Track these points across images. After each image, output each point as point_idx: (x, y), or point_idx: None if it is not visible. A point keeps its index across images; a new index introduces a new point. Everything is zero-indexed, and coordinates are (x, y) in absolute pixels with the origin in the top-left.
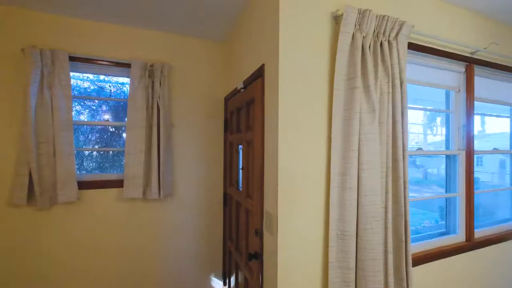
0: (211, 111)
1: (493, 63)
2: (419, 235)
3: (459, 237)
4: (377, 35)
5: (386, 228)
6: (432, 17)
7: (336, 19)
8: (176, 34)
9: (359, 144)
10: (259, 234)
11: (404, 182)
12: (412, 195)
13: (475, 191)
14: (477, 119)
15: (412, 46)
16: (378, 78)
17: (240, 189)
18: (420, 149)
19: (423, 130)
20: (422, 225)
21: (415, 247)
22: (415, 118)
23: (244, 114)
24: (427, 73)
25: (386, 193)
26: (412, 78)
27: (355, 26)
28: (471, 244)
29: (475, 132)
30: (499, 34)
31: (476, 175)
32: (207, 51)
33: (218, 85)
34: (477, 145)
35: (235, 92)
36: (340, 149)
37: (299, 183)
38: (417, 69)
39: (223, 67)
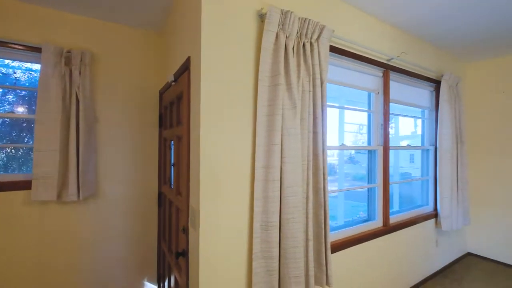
0: (145, 105)
1: (404, 69)
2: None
3: (377, 223)
4: (300, 36)
5: (307, 217)
6: (352, 25)
7: (262, 18)
8: (102, 20)
9: (281, 138)
10: (186, 231)
11: (324, 174)
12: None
13: (390, 182)
14: (410, 121)
15: (334, 50)
16: (301, 77)
17: (172, 187)
18: (343, 144)
19: (364, 129)
20: (358, 215)
21: (341, 234)
22: (355, 118)
23: (176, 109)
24: (352, 76)
25: (307, 184)
26: (339, 79)
27: (279, 25)
28: (387, 228)
29: (408, 132)
30: (408, 45)
31: (409, 170)
32: (140, 41)
33: (153, 78)
34: (412, 143)
35: (168, 85)
36: (264, 143)
37: (224, 177)
38: (343, 72)
39: (158, 59)
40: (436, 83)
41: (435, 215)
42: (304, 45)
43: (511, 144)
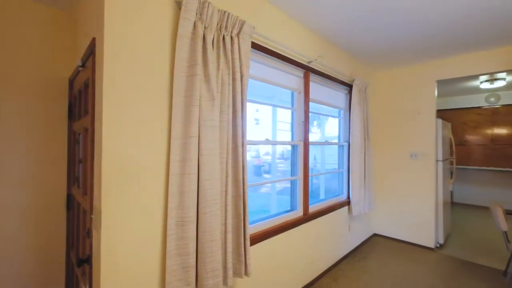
0: (52, 94)
1: (322, 72)
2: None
3: (298, 212)
4: (220, 29)
5: (226, 209)
6: (277, 26)
7: (179, 5)
8: None
9: (199, 130)
10: (89, 234)
11: (243, 166)
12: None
13: (309, 174)
14: (335, 121)
15: (258, 47)
16: (220, 69)
17: (80, 187)
18: (267, 139)
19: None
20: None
21: (265, 224)
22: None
23: (84, 97)
24: (277, 75)
25: (226, 176)
26: (263, 77)
27: (196, 14)
28: (307, 217)
29: (333, 130)
30: (327, 50)
31: (337, 165)
32: (47, 20)
33: (62, 63)
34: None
35: (77, 71)
36: (181, 135)
37: (132, 173)
38: (267, 70)
39: (69, 42)
40: (349, 87)
41: (348, 202)
42: (224, 38)
43: (402, 141)
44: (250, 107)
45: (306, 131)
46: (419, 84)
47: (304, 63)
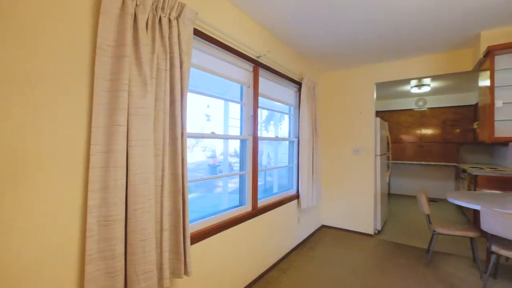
0: None
1: (272, 68)
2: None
3: (247, 207)
4: (156, 10)
5: (162, 206)
6: (224, 16)
7: None
8: None
9: (128, 119)
10: None
11: (182, 159)
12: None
13: (259, 169)
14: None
15: (204, 36)
16: (155, 53)
17: None
18: (213, 132)
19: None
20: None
21: (210, 220)
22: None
23: None
24: (225, 67)
25: (163, 170)
26: (210, 68)
27: None
28: (255, 211)
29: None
30: (277, 47)
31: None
32: None
33: None
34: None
35: None
36: (104, 123)
37: (36, 166)
38: (215, 61)
39: None
40: (299, 85)
41: (297, 196)
42: (161, 19)
43: (346, 137)
44: (200, 102)
45: (255, 125)
46: (360, 86)
47: (253, 57)
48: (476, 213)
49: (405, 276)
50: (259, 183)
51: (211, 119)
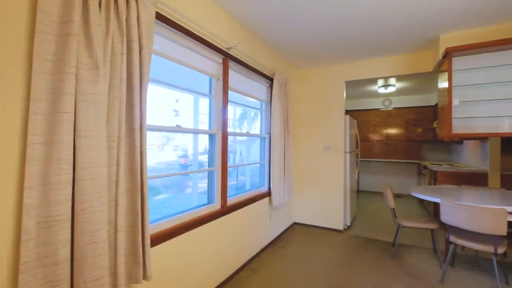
0: None
1: (243, 61)
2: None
3: (216, 205)
4: None
5: (116, 204)
6: (193, 4)
7: None
8: None
9: (76, 106)
10: None
11: (141, 153)
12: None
13: (228, 165)
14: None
15: (168, 21)
16: (110, 35)
17: None
18: (178, 125)
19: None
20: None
21: (176, 220)
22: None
23: None
24: (192, 57)
25: (118, 165)
26: (176, 57)
27: None
28: (224, 209)
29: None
30: (248, 40)
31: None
32: None
33: None
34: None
35: None
36: (45, 110)
37: None
38: (181, 50)
39: None
40: (271, 80)
41: (268, 193)
42: None
43: (317, 134)
44: (168, 96)
45: (225, 120)
46: (331, 84)
47: (223, 48)
48: (436, 206)
49: (372, 269)
50: (231, 182)
51: (180, 114)
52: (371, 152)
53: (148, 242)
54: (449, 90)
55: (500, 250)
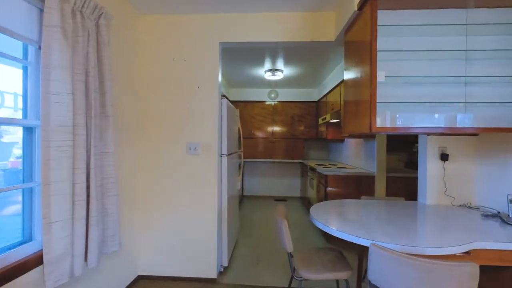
0: None
1: None
2: None
3: None
4: None
5: None
6: None
7: None
8: None
9: None
10: None
11: None
12: None
13: None
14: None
15: None
16: None
17: None
18: None
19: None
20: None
21: None
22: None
23: None
24: None
25: None
26: None
27: None
28: None
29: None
30: None
31: None
32: None
33: None
34: None
35: None
36: None
37: None
38: None
39: None
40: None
41: (40, 259)
42: None
43: (173, 126)
44: None
45: None
46: (200, 44)
47: None
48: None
49: None
50: None
51: None
52: (255, 151)
53: None
54: (372, 57)
55: None
